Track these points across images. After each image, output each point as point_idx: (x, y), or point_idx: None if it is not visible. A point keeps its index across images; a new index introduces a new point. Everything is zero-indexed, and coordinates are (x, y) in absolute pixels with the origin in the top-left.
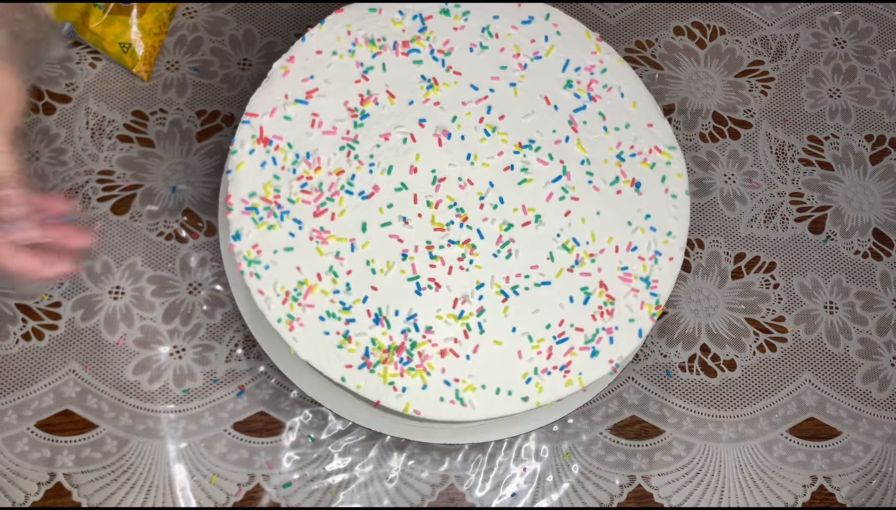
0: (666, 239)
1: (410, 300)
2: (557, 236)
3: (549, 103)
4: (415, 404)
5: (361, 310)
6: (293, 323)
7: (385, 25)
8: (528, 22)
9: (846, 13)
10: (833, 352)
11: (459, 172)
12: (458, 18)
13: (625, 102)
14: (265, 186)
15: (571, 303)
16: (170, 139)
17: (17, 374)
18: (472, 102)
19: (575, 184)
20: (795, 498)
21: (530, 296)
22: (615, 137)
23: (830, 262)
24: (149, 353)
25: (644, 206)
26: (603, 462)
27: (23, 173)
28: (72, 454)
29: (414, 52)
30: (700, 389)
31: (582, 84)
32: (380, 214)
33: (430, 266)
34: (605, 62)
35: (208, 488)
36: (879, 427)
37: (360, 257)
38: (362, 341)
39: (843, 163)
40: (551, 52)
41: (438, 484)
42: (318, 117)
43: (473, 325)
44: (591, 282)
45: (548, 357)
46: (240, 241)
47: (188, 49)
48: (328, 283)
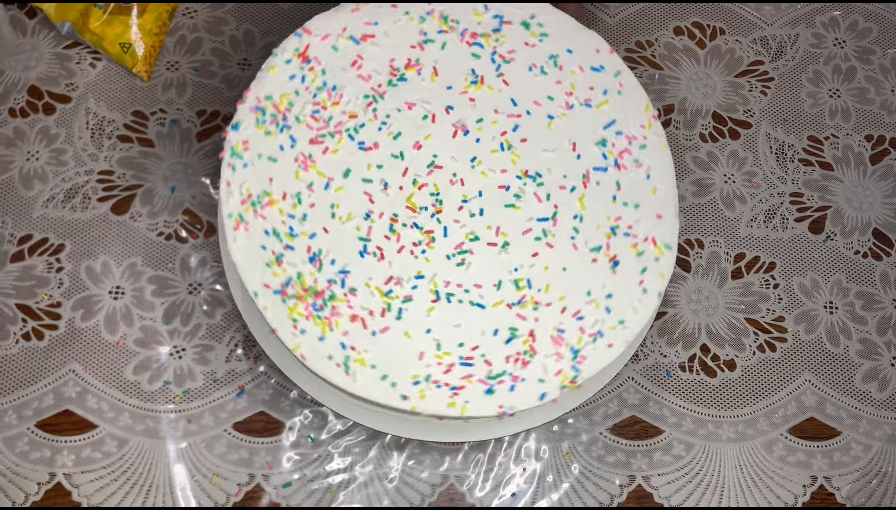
0: (615, 325)
1: (351, 257)
2: (515, 270)
3: (574, 150)
4: (304, 349)
5: (303, 244)
6: (240, 224)
7: (465, 12)
8: (597, 70)
9: (846, 13)
10: (833, 352)
11: (457, 168)
12: (535, 36)
13: (647, 185)
14: (282, 96)
15: (494, 335)
16: (170, 139)
17: (17, 374)
18: (504, 114)
19: (557, 232)
20: (795, 498)
21: (459, 310)
22: (619, 210)
23: (830, 262)
24: (149, 353)
25: (611, 286)
26: (603, 462)
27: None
28: (72, 454)
29: (477, 45)
30: (700, 389)
31: (615, 149)
32: (366, 170)
33: (384, 236)
34: (649, 140)
35: (208, 488)
36: (879, 427)
37: (329, 198)
38: (289, 270)
39: (843, 163)
40: (602, 107)
41: (438, 484)
42: (361, 60)
43: (394, 308)
44: (523, 326)
45: (445, 371)
46: (235, 132)
47: (188, 49)
48: (288, 205)
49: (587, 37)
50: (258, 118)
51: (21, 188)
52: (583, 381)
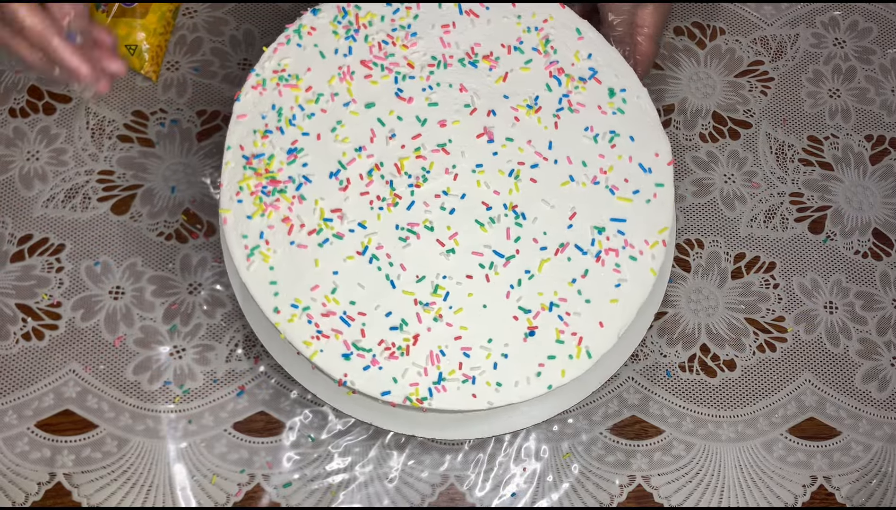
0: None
1: (321, 172)
2: (442, 277)
3: (570, 219)
4: (230, 215)
5: (294, 135)
6: (260, 86)
7: (570, 48)
8: (644, 170)
9: (846, 13)
10: (833, 352)
11: (460, 162)
12: (612, 106)
13: (607, 292)
14: (369, 13)
15: (374, 310)
16: (170, 139)
17: (17, 374)
18: (533, 149)
19: (501, 276)
20: (795, 498)
21: (370, 276)
22: (566, 293)
23: (830, 262)
24: (149, 353)
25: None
26: (603, 462)
27: (83, 13)
28: (72, 454)
29: (557, 80)
30: (700, 389)
31: (606, 244)
32: (388, 113)
33: (359, 174)
34: (642, 258)
35: (208, 488)
36: (879, 427)
37: (341, 114)
38: (267, 148)
39: (843, 163)
40: (623, 203)
41: (438, 484)
42: (452, 30)
43: (322, 234)
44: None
45: (323, 314)
46: (314, 15)
47: (188, 49)
48: (306, 98)
49: (657, 137)
50: (337, 16)
51: (21, 188)
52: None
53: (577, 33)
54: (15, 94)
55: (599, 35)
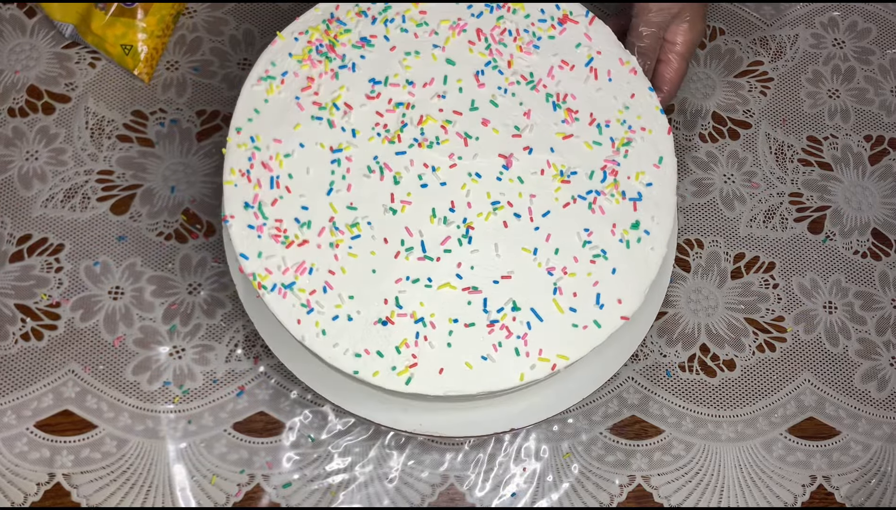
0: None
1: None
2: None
3: (534, 263)
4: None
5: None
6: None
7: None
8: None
9: (845, 14)
10: (832, 352)
11: (464, 175)
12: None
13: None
14: (316, 28)
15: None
16: (170, 139)
17: (17, 374)
18: (550, 198)
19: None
20: (795, 497)
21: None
22: (515, 316)
23: (829, 262)
24: (148, 353)
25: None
26: (603, 462)
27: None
28: (71, 454)
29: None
30: (700, 389)
31: (564, 284)
32: (403, 67)
33: (377, 113)
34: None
35: (208, 488)
36: (878, 426)
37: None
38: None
39: (843, 163)
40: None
41: (438, 484)
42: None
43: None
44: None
45: (284, 271)
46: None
47: (188, 49)
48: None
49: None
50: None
51: (20, 188)
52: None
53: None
54: (14, 94)
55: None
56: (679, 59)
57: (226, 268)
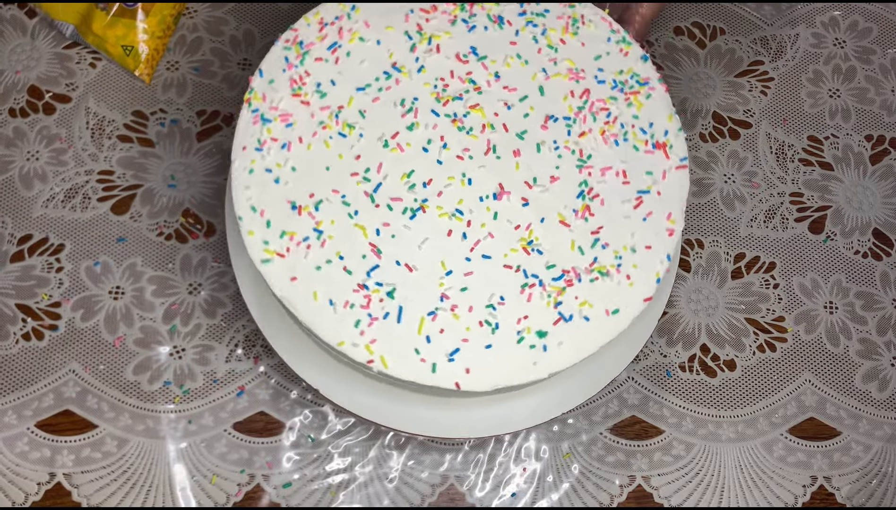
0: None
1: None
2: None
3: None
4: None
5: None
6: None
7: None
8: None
9: (846, 13)
10: (833, 352)
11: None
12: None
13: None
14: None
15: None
16: (170, 139)
17: (17, 374)
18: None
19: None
20: (795, 498)
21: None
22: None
23: (830, 262)
24: (149, 353)
25: None
26: (603, 462)
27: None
28: (72, 454)
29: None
30: (700, 389)
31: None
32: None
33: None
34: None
35: (208, 488)
36: (879, 427)
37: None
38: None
39: (843, 163)
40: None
41: (438, 484)
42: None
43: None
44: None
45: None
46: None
47: (188, 49)
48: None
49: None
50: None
51: (21, 188)
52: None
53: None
54: (15, 94)
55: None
56: (643, 21)
57: (226, 269)
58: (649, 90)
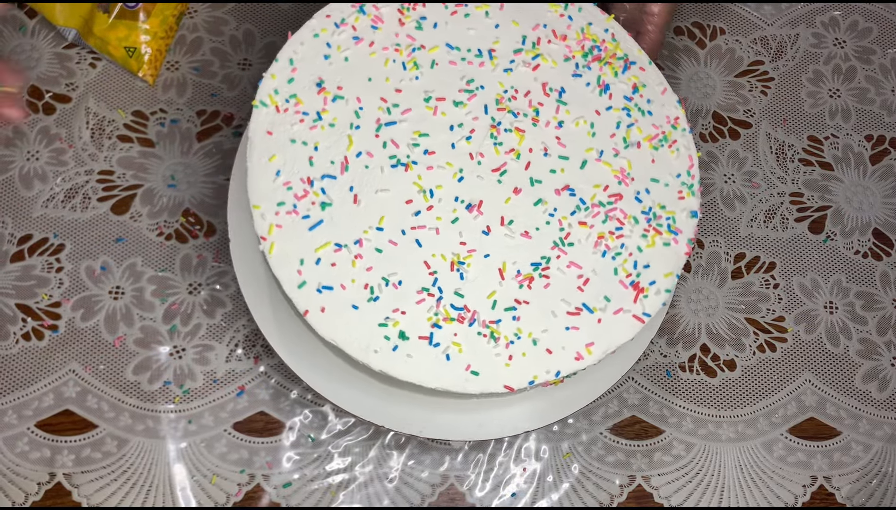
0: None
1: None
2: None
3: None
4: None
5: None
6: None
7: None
8: None
9: (846, 13)
10: (833, 352)
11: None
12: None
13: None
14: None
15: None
16: (170, 139)
17: (17, 374)
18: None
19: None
20: (795, 498)
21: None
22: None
23: (830, 262)
24: (149, 353)
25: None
26: (603, 462)
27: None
28: (72, 454)
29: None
30: (700, 389)
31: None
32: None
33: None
34: None
35: (208, 488)
36: (879, 427)
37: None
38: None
39: (843, 163)
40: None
41: (438, 484)
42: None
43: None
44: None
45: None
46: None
47: (188, 49)
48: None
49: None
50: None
51: (21, 188)
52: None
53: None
54: None
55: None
56: (657, 29)
57: (226, 268)
58: (672, 240)
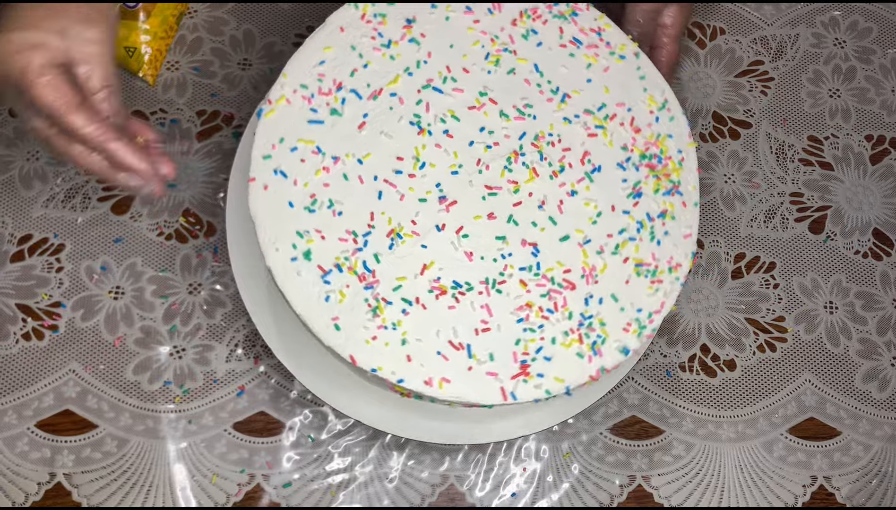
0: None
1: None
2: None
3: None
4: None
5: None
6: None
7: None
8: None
9: (846, 13)
10: (833, 352)
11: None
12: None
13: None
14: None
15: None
16: (170, 139)
17: (17, 374)
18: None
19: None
20: (795, 498)
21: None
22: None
23: (830, 262)
24: (149, 353)
25: None
26: (603, 462)
27: (117, 88)
28: (72, 454)
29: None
30: (700, 389)
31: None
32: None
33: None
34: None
35: (208, 488)
36: (879, 427)
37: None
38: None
39: (843, 163)
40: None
41: (438, 484)
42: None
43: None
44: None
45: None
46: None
47: (188, 49)
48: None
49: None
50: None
51: (21, 188)
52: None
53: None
54: None
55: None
56: (672, 41)
57: (226, 268)
58: (587, 357)
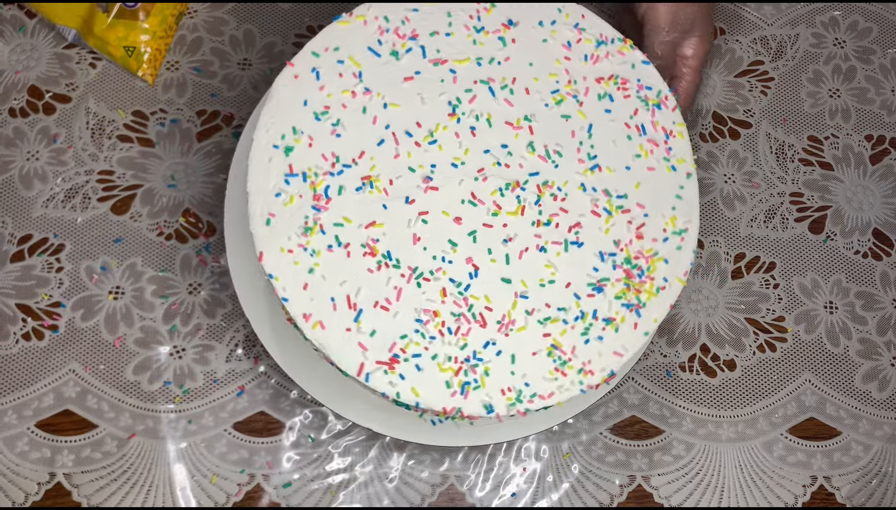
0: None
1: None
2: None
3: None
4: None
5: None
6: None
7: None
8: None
9: (846, 13)
10: (833, 352)
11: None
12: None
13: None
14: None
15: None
16: (170, 139)
17: (17, 374)
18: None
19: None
20: (795, 498)
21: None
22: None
23: (830, 262)
24: (149, 353)
25: None
26: (603, 462)
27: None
28: (72, 454)
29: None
30: (700, 389)
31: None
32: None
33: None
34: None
35: (208, 488)
36: (879, 427)
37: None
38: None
39: (843, 163)
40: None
41: (438, 484)
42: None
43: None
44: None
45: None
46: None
47: (188, 49)
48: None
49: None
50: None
51: (21, 188)
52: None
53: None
54: (15, 94)
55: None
56: (693, 72)
57: (226, 268)
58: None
